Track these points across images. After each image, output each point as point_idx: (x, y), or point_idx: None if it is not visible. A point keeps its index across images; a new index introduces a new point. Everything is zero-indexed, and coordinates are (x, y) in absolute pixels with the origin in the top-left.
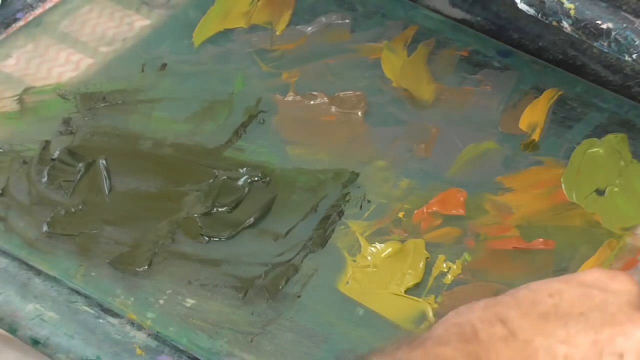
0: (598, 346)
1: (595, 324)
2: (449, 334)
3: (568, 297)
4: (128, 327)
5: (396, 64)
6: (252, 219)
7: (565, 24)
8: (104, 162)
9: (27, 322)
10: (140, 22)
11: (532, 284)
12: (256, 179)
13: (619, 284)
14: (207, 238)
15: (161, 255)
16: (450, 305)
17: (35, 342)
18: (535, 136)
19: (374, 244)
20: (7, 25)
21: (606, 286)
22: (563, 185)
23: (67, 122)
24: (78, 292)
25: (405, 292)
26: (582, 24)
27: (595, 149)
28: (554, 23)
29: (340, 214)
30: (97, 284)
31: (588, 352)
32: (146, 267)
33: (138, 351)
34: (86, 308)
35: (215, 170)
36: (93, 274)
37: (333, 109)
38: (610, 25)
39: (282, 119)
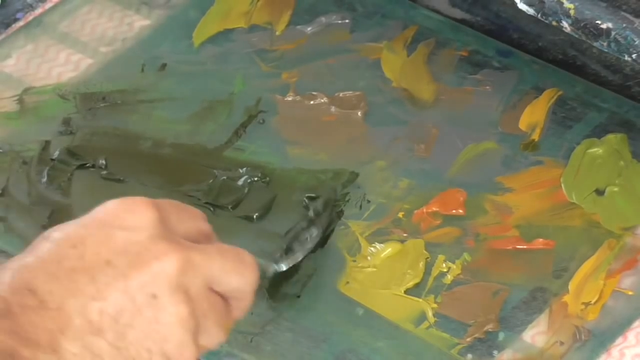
0: (130, 293)
1: (123, 270)
2: None
3: (91, 244)
4: None
5: (396, 64)
6: (253, 216)
7: (565, 24)
8: (104, 161)
9: None
10: (140, 22)
11: (55, 232)
12: (256, 179)
13: (138, 217)
14: (211, 208)
15: None
16: (450, 305)
17: None
18: (535, 136)
19: (373, 244)
20: (7, 25)
21: (126, 223)
22: (563, 185)
23: (67, 122)
24: None
25: (405, 292)
26: (581, 24)
27: (595, 149)
28: (554, 23)
29: (340, 214)
30: None
31: (121, 303)
32: None
33: None
34: None
35: (215, 171)
36: None
37: (333, 109)
38: (610, 25)
39: (282, 119)
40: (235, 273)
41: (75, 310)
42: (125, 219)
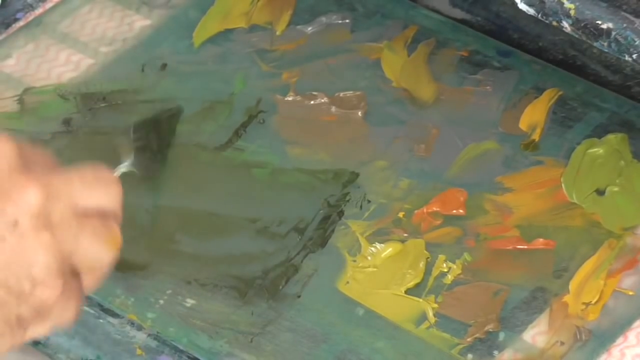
0: None
1: None
2: None
3: None
4: (128, 327)
5: (396, 64)
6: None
7: (565, 24)
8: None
9: None
10: (141, 22)
11: None
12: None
13: None
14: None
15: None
16: (450, 305)
17: (35, 342)
18: (536, 136)
19: (374, 244)
20: (7, 25)
21: None
22: (563, 185)
23: (67, 122)
24: None
25: (406, 292)
26: (582, 24)
27: (596, 149)
28: (554, 23)
29: (340, 214)
30: None
31: None
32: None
33: (138, 351)
34: (86, 308)
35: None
36: None
37: (333, 109)
38: (610, 25)
39: (282, 119)
40: (99, 189)
41: None
42: None
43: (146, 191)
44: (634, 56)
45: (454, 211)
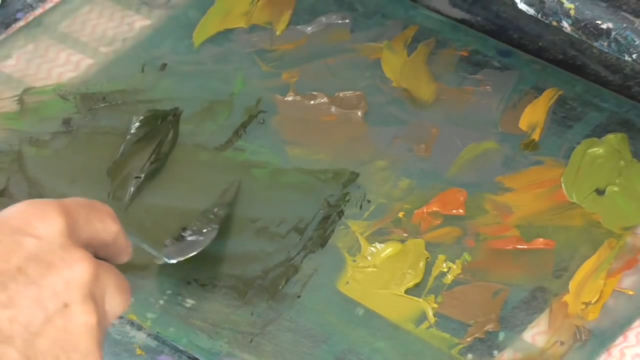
0: (42, 301)
1: (35, 277)
2: None
3: (2, 252)
4: (128, 327)
5: (396, 63)
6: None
7: (565, 24)
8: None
9: None
10: (140, 22)
11: None
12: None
13: (49, 224)
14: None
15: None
16: (450, 305)
17: None
18: (535, 136)
19: (374, 244)
20: (7, 25)
21: (36, 229)
22: (563, 185)
23: (67, 122)
24: None
25: (405, 292)
26: (582, 24)
27: (595, 149)
28: (554, 23)
29: (340, 214)
30: None
31: (32, 311)
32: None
33: (138, 351)
34: None
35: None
36: None
37: (333, 109)
38: (610, 25)
39: (282, 119)
40: (122, 294)
41: None
42: (36, 226)
43: (146, 191)
44: (634, 56)
45: (454, 211)
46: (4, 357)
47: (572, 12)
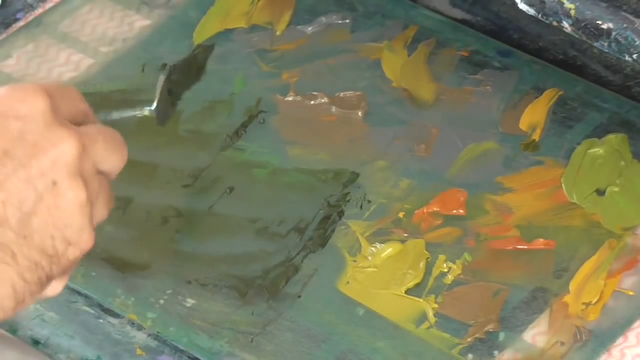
0: (31, 182)
1: (22, 159)
2: None
3: None
4: (128, 327)
5: (396, 64)
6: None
7: (565, 24)
8: None
9: (27, 322)
10: (141, 22)
11: None
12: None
13: (31, 105)
14: None
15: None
16: (450, 305)
17: (35, 342)
18: (536, 136)
19: (374, 244)
20: (7, 25)
21: (19, 111)
22: (563, 185)
23: None
24: (78, 292)
25: (406, 292)
26: (582, 24)
27: (596, 149)
28: (554, 23)
29: (341, 214)
30: (97, 284)
31: (23, 192)
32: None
33: (138, 351)
34: (86, 308)
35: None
36: (93, 273)
37: (333, 109)
38: (610, 25)
39: (282, 119)
40: (116, 152)
41: None
42: (18, 108)
43: (146, 191)
44: (634, 56)
45: (454, 211)
46: (2, 238)
47: (572, 12)
